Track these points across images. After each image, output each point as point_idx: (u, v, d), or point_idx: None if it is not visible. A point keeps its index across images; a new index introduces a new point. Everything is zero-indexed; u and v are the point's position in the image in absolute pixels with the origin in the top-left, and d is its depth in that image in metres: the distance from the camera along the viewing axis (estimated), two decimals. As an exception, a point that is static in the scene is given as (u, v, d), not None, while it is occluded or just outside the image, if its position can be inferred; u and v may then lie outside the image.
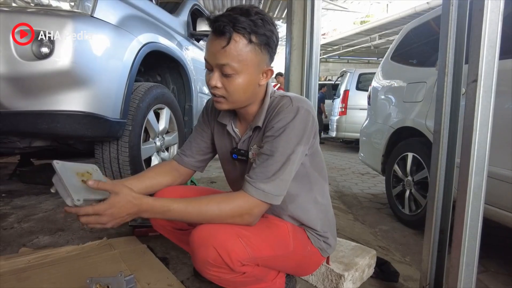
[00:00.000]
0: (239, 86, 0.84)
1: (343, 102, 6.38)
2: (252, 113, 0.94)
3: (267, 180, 0.82)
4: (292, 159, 0.84)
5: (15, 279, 1.08)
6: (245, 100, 0.89)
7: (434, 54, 1.87)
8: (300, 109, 0.85)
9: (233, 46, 0.79)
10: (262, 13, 0.83)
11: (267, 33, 0.82)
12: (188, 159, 1.07)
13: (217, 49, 0.80)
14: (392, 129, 2.39)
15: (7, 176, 2.70)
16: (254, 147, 0.93)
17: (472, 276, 0.91)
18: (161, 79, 2.56)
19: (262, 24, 0.81)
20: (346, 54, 14.27)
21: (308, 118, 0.86)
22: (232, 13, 0.80)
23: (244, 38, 0.79)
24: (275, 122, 0.85)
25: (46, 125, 1.39)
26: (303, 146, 0.86)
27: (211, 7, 8.70)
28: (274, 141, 0.84)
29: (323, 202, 1.02)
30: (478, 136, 0.86)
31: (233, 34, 0.78)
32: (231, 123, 0.99)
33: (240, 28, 0.78)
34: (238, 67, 0.81)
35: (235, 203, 0.82)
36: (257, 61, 0.83)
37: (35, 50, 1.33)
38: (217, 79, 0.83)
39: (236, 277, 0.83)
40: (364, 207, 2.70)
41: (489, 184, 0.90)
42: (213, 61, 0.82)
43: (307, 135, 0.86)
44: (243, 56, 0.80)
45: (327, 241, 1.04)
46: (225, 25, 0.77)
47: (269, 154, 0.84)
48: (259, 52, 0.82)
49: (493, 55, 0.84)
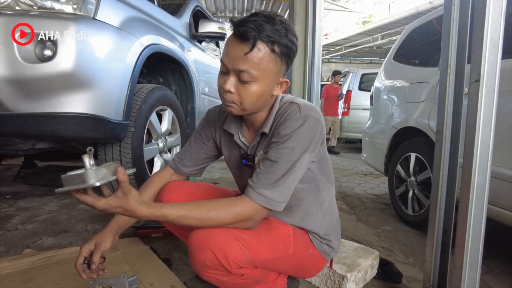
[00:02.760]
0: (253, 94, 0.82)
1: (346, 102, 6.37)
2: (261, 119, 0.93)
3: (271, 186, 0.81)
4: (297, 167, 0.83)
5: (19, 280, 1.08)
6: (256, 108, 0.87)
7: (437, 54, 1.87)
8: (308, 116, 0.83)
9: (255, 54, 0.77)
10: (286, 23, 0.81)
11: (289, 44, 0.80)
12: (186, 169, 1.06)
13: (239, 54, 0.78)
14: (394, 130, 2.38)
15: (11, 177, 2.71)
16: (260, 153, 0.92)
17: (476, 277, 0.91)
18: (163, 80, 2.57)
19: (285, 34, 0.79)
20: (348, 54, 14.24)
21: (317, 126, 0.84)
22: (258, 19, 0.77)
23: (267, 47, 0.78)
24: (282, 128, 0.84)
25: (49, 127, 1.40)
26: (309, 154, 0.85)
27: (213, 9, 8.73)
28: (280, 148, 0.83)
29: (328, 207, 1.02)
30: (481, 136, 0.86)
31: (257, 41, 0.76)
32: (238, 132, 0.98)
33: (265, 36, 0.76)
34: (256, 75, 0.79)
35: (236, 210, 0.81)
36: (275, 71, 0.82)
37: (38, 53, 1.34)
38: (232, 84, 0.81)
39: (234, 279, 0.83)
40: (367, 208, 2.69)
41: (492, 184, 0.90)
42: (231, 66, 0.80)
43: (314, 143, 0.85)
44: (263, 64, 0.79)
45: (330, 244, 1.03)
46: (251, 31, 0.75)
47: (274, 160, 0.83)
48: (279, 63, 0.81)
49: (496, 54, 0.83)
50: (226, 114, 1.01)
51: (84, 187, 0.67)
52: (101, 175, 0.68)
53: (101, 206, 0.71)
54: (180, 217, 0.77)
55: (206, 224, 0.79)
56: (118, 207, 0.72)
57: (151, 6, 2.11)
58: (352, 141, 7.49)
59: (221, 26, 2.80)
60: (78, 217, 1.79)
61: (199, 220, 0.78)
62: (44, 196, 2.19)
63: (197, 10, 3.07)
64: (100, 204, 0.70)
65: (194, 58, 2.67)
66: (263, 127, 0.91)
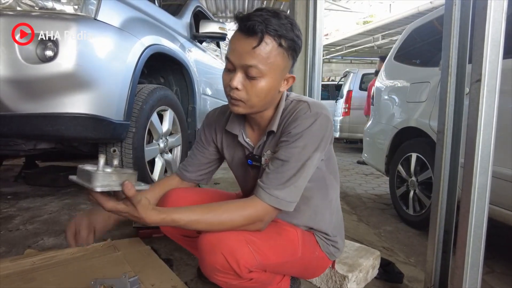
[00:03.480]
0: (262, 90, 0.80)
1: (347, 102, 6.36)
2: (267, 118, 0.91)
3: (282, 186, 0.80)
4: (307, 166, 0.82)
5: (21, 281, 1.08)
6: (263, 105, 0.86)
7: (438, 53, 1.87)
8: (319, 115, 0.82)
9: (263, 48, 0.76)
10: (291, 18, 0.80)
11: (295, 38, 0.80)
12: (191, 175, 1.06)
13: (246, 49, 0.76)
14: (395, 130, 2.38)
15: (12, 178, 2.72)
16: (267, 153, 0.90)
17: (477, 277, 0.90)
18: (164, 81, 2.57)
19: (291, 28, 0.79)
20: (349, 54, 14.22)
21: (327, 124, 0.84)
22: (263, 13, 0.76)
23: (275, 41, 0.77)
24: (292, 127, 0.83)
25: (50, 128, 1.40)
26: (319, 153, 0.84)
27: (214, 9, 8.73)
28: (290, 147, 0.81)
29: (335, 205, 1.02)
30: (482, 135, 0.86)
31: (265, 35, 0.75)
32: (242, 133, 0.96)
33: (272, 30, 0.75)
34: (265, 70, 0.78)
35: (247, 212, 0.79)
36: (283, 66, 0.81)
37: (40, 53, 1.34)
38: (240, 81, 0.79)
39: (243, 283, 0.82)
40: (368, 208, 2.69)
41: (493, 184, 0.90)
42: (238, 62, 0.78)
43: (325, 141, 0.84)
44: (271, 59, 0.78)
45: (336, 245, 1.03)
46: (258, 24, 0.74)
47: (284, 159, 0.81)
48: (285, 57, 0.81)
49: (497, 54, 0.83)
50: (227, 115, 1.00)
51: (87, 186, 0.67)
52: (107, 181, 0.67)
53: (109, 207, 0.69)
54: (191, 222, 0.75)
55: (217, 228, 0.78)
56: (125, 213, 0.71)
57: (152, 7, 2.11)
58: (353, 141, 7.48)
59: (221, 27, 2.80)
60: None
61: (211, 224, 0.77)
62: (46, 196, 2.19)
63: (198, 11, 3.08)
64: (108, 205, 0.69)
65: (195, 59, 2.67)
66: (270, 126, 0.90)
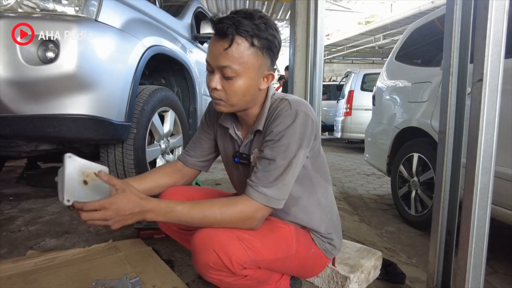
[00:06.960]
0: (239, 89, 0.84)
1: (348, 102, 6.35)
2: (253, 116, 0.94)
3: (270, 184, 0.83)
4: (294, 163, 0.84)
5: (23, 282, 1.09)
6: (244, 104, 0.89)
7: (439, 53, 1.86)
8: (299, 112, 0.85)
9: (235, 49, 0.79)
10: (266, 18, 0.83)
11: (269, 37, 0.82)
12: (192, 159, 1.08)
13: (219, 51, 0.80)
14: (397, 130, 2.37)
15: (14, 179, 2.73)
16: (255, 151, 0.93)
17: (480, 278, 0.90)
18: (165, 82, 2.57)
19: (265, 28, 0.81)
20: (350, 54, 14.21)
21: (307, 122, 0.85)
22: (236, 16, 0.80)
23: (246, 41, 0.80)
24: (274, 126, 0.85)
25: (52, 129, 1.41)
26: (304, 150, 0.86)
27: (215, 10, 8.73)
28: (275, 146, 0.84)
29: (326, 204, 1.02)
30: (484, 135, 0.85)
31: (235, 37, 0.78)
32: (233, 126, 0.99)
33: (242, 31, 0.78)
34: (239, 69, 0.81)
35: (237, 208, 0.82)
36: (258, 65, 0.83)
37: (41, 55, 1.34)
38: (218, 81, 0.84)
39: (238, 280, 0.83)
40: (369, 208, 2.68)
41: (496, 184, 0.89)
42: (214, 63, 0.83)
43: (308, 138, 0.86)
44: (244, 59, 0.80)
45: (332, 243, 1.03)
46: (228, 27, 0.78)
47: (270, 158, 0.84)
48: (260, 56, 0.83)
49: (499, 54, 0.83)
50: None
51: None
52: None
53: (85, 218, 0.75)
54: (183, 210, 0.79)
55: (207, 220, 0.80)
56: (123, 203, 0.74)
57: (153, 8, 2.11)
58: (354, 142, 7.47)
59: (222, 27, 2.79)
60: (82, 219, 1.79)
61: (202, 216, 0.80)
62: (47, 197, 2.20)
63: (199, 11, 3.08)
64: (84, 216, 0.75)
65: (196, 59, 2.67)
66: (256, 125, 0.92)
